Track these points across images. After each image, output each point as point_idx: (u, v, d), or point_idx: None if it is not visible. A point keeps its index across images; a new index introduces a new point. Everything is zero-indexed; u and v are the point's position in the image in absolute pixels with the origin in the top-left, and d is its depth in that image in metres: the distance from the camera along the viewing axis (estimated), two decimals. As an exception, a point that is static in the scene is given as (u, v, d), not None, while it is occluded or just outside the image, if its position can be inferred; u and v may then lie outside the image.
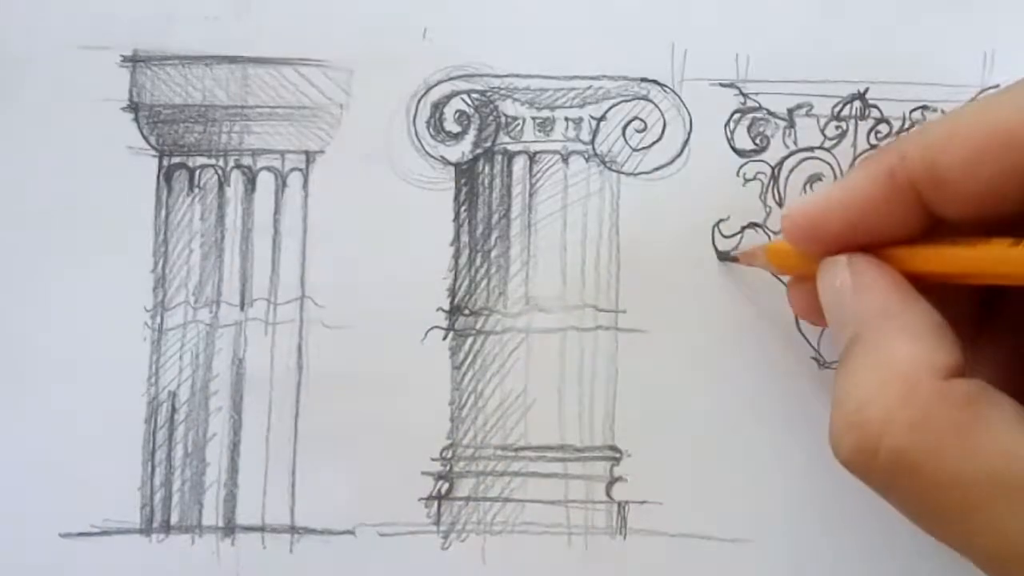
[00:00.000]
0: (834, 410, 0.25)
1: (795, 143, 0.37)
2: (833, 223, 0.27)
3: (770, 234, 0.36)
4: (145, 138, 0.37)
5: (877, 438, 0.24)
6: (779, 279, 0.35)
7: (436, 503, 0.36)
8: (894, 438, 0.23)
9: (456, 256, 0.37)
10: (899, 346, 0.24)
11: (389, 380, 0.36)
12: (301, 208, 0.37)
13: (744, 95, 0.37)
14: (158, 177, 0.37)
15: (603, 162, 0.37)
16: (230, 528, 0.36)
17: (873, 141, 0.37)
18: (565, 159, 0.37)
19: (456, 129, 0.37)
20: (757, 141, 0.37)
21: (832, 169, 0.37)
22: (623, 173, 0.37)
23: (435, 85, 0.37)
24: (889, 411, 0.24)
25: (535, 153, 0.37)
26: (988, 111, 0.25)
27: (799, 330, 0.36)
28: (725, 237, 0.36)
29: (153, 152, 0.37)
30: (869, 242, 0.27)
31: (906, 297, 0.26)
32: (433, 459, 0.36)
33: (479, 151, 0.37)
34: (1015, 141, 0.24)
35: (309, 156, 0.37)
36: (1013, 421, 0.23)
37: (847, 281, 0.27)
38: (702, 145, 0.37)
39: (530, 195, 0.37)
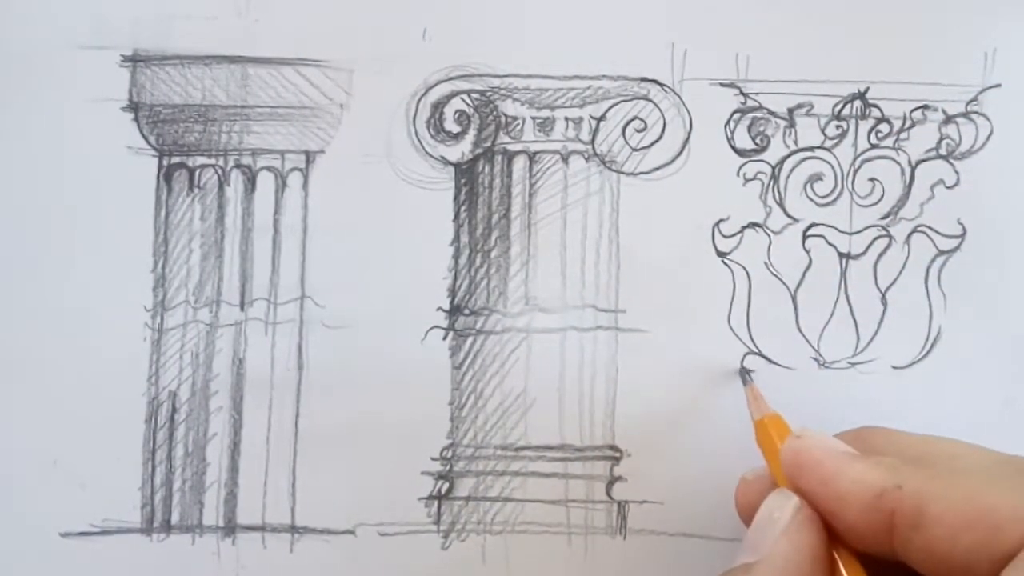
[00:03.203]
0: None
1: (795, 143, 0.37)
2: (811, 483, 0.28)
3: (770, 234, 0.36)
4: (145, 138, 0.37)
5: None
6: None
7: (436, 503, 0.36)
8: None
9: (456, 256, 0.37)
10: None
11: (389, 380, 0.36)
12: (301, 208, 0.37)
13: (744, 95, 0.37)
14: (158, 177, 0.37)
15: (603, 162, 0.37)
16: (230, 528, 0.36)
17: (874, 140, 0.37)
18: (565, 159, 0.37)
19: (456, 129, 0.37)
20: (757, 141, 0.37)
21: (833, 169, 0.37)
22: (623, 173, 0.37)
23: (435, 85, 0.37)
24: None
25: (535, 153, 0.37)
26: (991, 485, 0.26)
27: (799, 330, 0.36)
28: (725, 237, 0.36)
29: (153, 152, 0.37)
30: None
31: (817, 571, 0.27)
32: (433, 459, 0.36)
33: (479, 151, 0.37)
34: (1002, 532, 0.25)
35: (309, 156, 0.37)
36: None
37: (783, 522, 0.28)
38: (702, 145, 0.37)
39: (530, 195, 0.37)
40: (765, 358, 0.36)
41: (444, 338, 0.36)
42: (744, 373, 0.36)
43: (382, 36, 0.37)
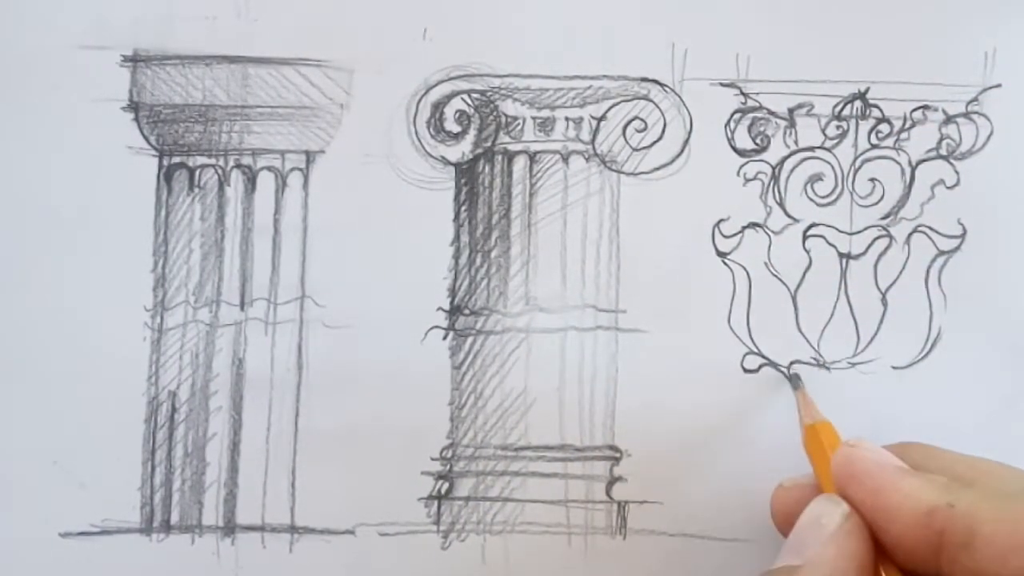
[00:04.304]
0: None
1: (796, 143, 0.37)
2: (862, 493, 0.28)
3: (770, 234, 0.36)
4: (145, 138, 0.37)
5: None
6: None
7: (436, 503, 0.36)
8: None
9: (456, 256, 0.37)
10: None
11: (389, 380, 0.36)
12: (301, 208, 0.37)
13: (744, 95, 0.37)
14: (158, 177, 0.37)
15: (603, 162, 0.37)
16: (230, 528, 0.36)
17: (874, 140, 0.37)
18: (565, 159, 0.37)
19: (456, 129, 0.37)
20: (758, 141, 0.37)
21: (833, 169, 0.37)
22: (623, 173, 0.37)
23: (435, 85, 0.37)
24: None
25: (535, 153, 0.37)
26: None
27: (799, 330, 0.36)
28: (725, 237, 0.36)
29: (153, 152, 0.37)
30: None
31: None
32: (433, 459, 0.36)
33: (479, 151, 0.37)
34: None
35: (309, 156, 0.37)
36: None
37: (831, 527, 0.28)
38: (702, 145, 0.37)
39: (530, 195, 0.37)
40: (765, 358, 0.36)
41: (444, 338, 0.36)
42: (795, 378, 0.36)
43: (382, 36, 0.37)
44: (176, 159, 0.37)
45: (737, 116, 0.37)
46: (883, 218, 0.36)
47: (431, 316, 0.36)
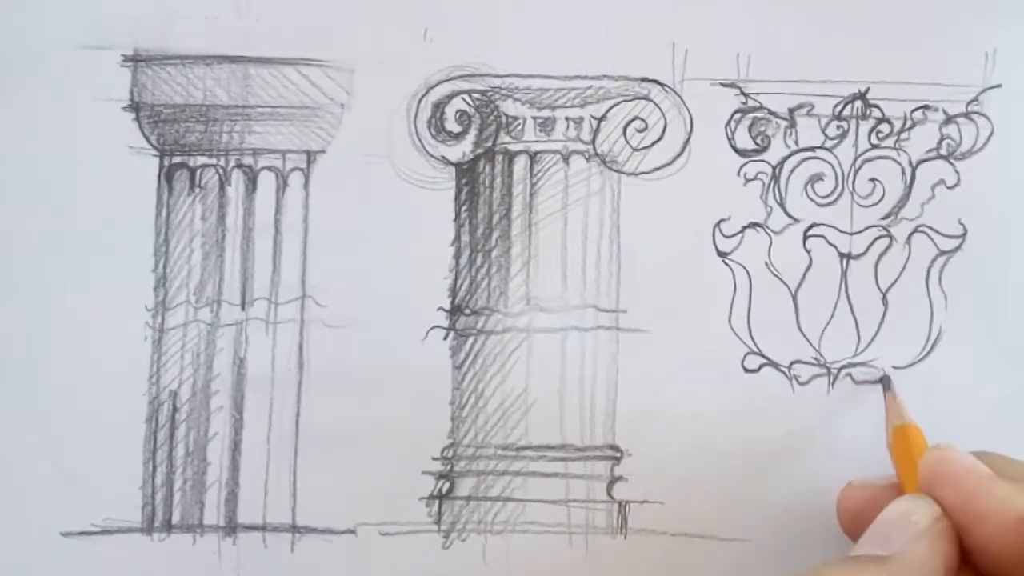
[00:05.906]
0: None
1: (796, 143, 0.37)
2: (952, 496, 0.28)
3: (771, 234, 0.36)
4: (146, 138, 0.37)
5: None
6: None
7: (437, 502, 0.36)
8: None
9: (457, 256, 0.37)
10: None
11: (390, 380, 0.36)
12: (302, 208, 0.37)
13: (745, 95, 0.37)
14: (159, 177, 0.37)
15: (604, 162, 0.37)
16: (231, 527, 0.36)
17: (874, 140, 0.37)
18: (566, 159, 0.37)
19: (457, 129, 0.37)
20: (758, 141, 0.37)
21: (833, 169, 0.37)
22: (624, 173, 0.37)
23: (436, 85, 0.37)
24: None
25: (536, 153, 0.37)
26: None
27: (799, 330, 0.36)
28: (726, 237, 0.36)
29: (154, 152, 0.37)
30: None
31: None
32: (434, 458, 0.36)
33: (480, 151, 0.37)
34: None
35: (310, 156, 0.37)
36: None
37: (922, 525, 0.28)
38: (703, 145, 0.37)
39: (531, 195, 0.37)
40: (766, 358, 0.36)
41: (445, 338, 0.36)
42: (885, 380, 0.36)
43: (383, 36, 0.37)
44: (177, 159, 0.37)
45: (737, 116, 0.37)
46: (883, 218, 0.37)
47: (432, 316, 0.36)
